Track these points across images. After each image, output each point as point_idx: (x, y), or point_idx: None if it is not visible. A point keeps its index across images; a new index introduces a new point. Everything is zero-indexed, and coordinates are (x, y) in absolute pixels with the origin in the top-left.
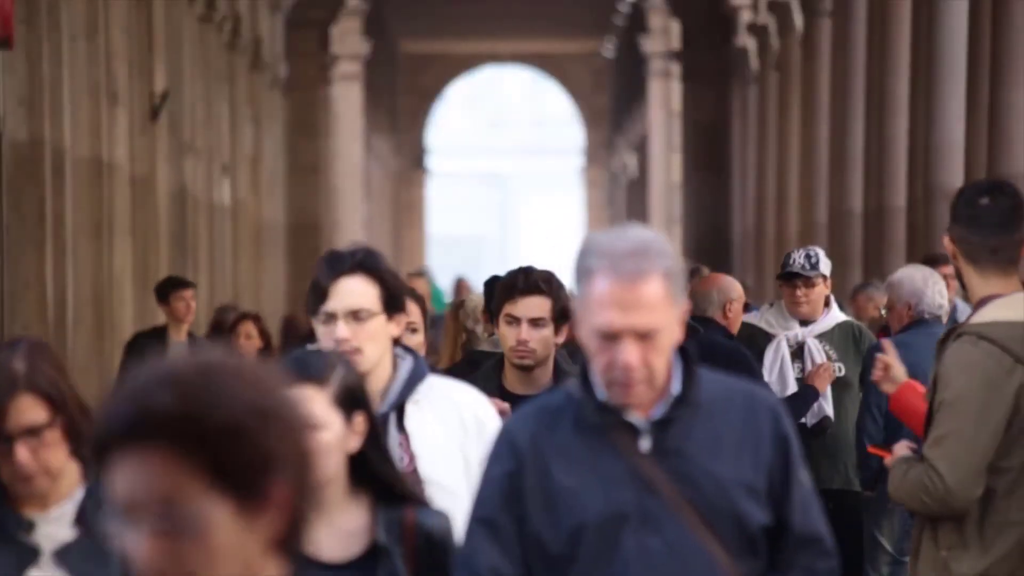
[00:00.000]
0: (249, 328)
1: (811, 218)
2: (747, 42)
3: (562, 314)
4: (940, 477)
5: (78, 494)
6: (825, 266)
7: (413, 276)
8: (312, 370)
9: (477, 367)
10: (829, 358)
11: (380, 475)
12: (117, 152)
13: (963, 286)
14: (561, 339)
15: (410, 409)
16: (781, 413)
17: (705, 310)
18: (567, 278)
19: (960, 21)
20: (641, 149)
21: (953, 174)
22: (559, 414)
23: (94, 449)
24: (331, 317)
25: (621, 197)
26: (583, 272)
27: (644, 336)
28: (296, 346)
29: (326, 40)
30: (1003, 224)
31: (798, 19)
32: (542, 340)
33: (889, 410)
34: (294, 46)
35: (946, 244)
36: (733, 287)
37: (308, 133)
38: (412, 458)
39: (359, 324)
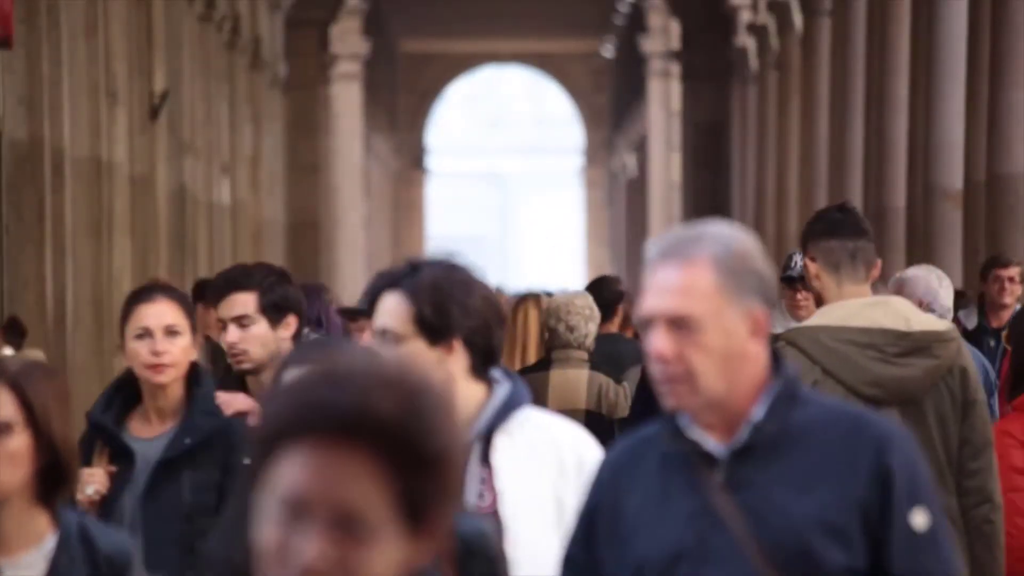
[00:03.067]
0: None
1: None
2: (747, 42)
3: (275, 308)
4: None
5: (48, 543)
6: None
7: None
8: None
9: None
10: None
11: None
12: (116, 151)
13: (817, 304)
14: (288, 333)
15: (500, 441)
16: (891, 444)
17: None
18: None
19: (960, 21)
20: (641, 149)
21: (953, 174)
22: (648, 445)
23: (272, 429)
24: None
25: (621, 197)
26: (644, 271)
27: (678, 325)
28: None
29: (326, 39)
30: (858, 231)
31: (798, 19)
32: (255, 339)
33: None
34: (294, 45)
35: (807, 265)
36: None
37: (308, 132)
38: (495, 496)
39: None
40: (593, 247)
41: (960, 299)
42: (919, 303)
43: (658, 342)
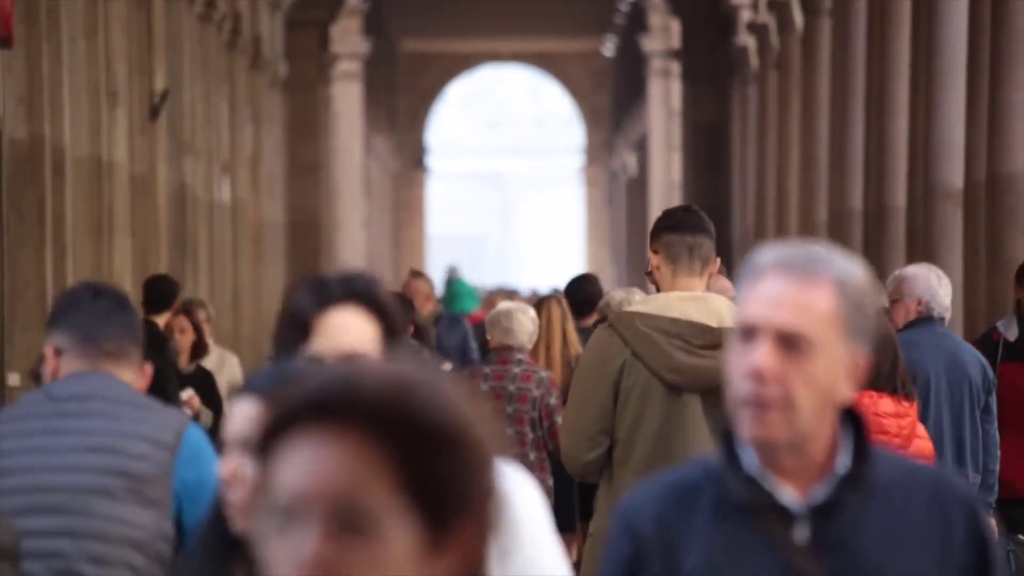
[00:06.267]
0: (182, 322)
1: (811, 217)
2: (747, 41)
3: None
4: (562, 442)
5: None
6: None
7: (414, 276)
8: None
9: None
10: None
11: None
12: (117, 151)
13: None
14: None
15: None
16: (980, 509)
17: None
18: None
19: (960, 21)
20: (641, 148)
21: (953, 174)
22: (695, 492)
23: (267, 429)
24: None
25: (621, 196)
26: (746, 278)
27: (788, 342)
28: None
29: (326, 39)
30: (695, 228)
31: (798, 18)
32: None
33: None
34: (294, 45)
35: (651, 258)
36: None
37: (308, 132)
38: None
39: None
40: (593, 247)
41: None
42: (916, 301)
43: (761, 356)
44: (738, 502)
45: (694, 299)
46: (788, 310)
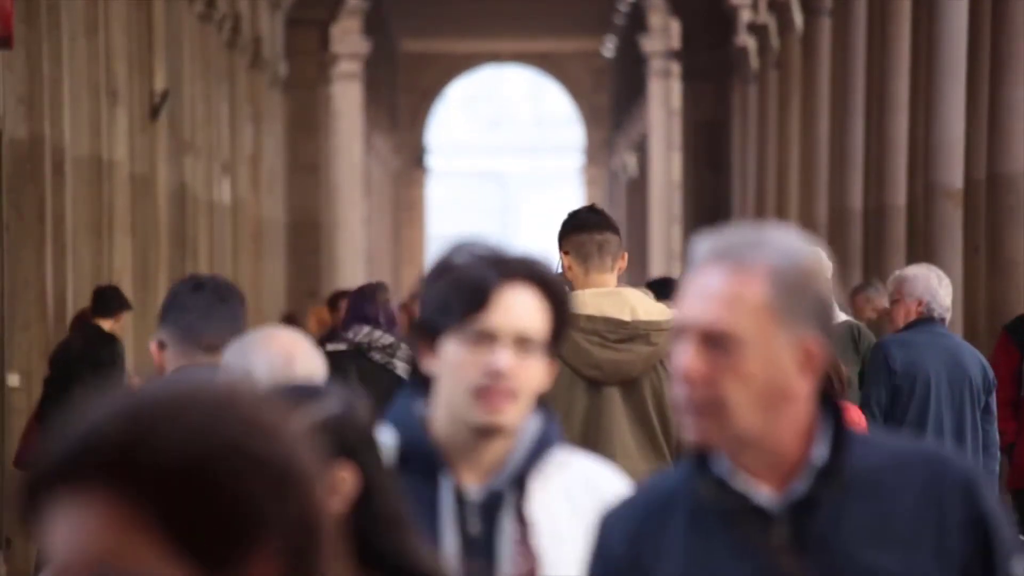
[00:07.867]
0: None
1: (811, 217)
2: (747, 41)
3: None
4: None
5: None
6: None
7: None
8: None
9: None
10: None
11: (381, 550)
12: (117, 151)
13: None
14: None
15: (536, 489)
16: (979, 486)
17: None
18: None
19: (960, 20)
20: (641, 148)
21: (953, 172)
22: (671, 501)
23: (25, 496)
24: (486, 337)
25: (621, 196)
26: (686, 271)
27: (713, 342)
28: None
29: (326, 39)
30: (601, 226)
31: (798, 18)
32: None
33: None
34: (294, 45)
35: (561, 259)
36: None
37: (308, 132)
38: (534, 561)
39: (525, 357)
40: None
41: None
42: (917, 301)
43: (685, 359)
44: (712, 506)
45: (608, 294)
46: (714, 307)
